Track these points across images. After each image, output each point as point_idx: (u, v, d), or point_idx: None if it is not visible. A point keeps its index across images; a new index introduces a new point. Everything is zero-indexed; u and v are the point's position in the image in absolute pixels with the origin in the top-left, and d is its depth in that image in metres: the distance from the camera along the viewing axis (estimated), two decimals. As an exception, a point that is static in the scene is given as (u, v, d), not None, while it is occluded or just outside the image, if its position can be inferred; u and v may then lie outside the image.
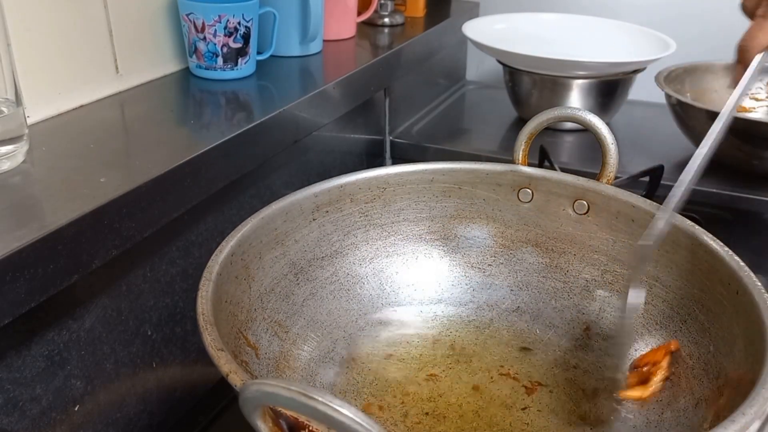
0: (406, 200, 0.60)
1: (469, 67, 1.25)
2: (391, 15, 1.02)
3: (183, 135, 0.60)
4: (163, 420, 0.60)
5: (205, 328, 0.39)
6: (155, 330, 0.58)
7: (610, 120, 1.00)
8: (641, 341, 0.52)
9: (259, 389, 0.29)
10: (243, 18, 0.71)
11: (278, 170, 0.72)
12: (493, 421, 0.49)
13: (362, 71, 0.81)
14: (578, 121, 0.57)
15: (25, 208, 0.46)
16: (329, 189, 0.56)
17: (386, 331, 0.57)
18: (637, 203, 0.54)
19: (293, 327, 0.52)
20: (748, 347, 0.42)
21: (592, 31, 1.06)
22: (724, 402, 0.42)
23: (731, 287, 0.45)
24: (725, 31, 1.09)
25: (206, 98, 0.69)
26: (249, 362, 0.45)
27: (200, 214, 0.61)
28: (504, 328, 0.58)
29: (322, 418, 0.28)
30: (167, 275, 0.58)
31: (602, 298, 0.56)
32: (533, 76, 0.96)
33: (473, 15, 1.17)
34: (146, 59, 0.69)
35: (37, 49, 0.57)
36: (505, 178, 0.59)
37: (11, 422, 0.46)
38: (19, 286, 0.41)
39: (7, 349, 0.45)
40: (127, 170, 0.52)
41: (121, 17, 0.64)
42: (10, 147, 0.50)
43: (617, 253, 0.56)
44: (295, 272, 0.54)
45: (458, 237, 0.61)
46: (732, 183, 0.84)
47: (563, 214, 0.58)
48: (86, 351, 0.51)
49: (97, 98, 0.64)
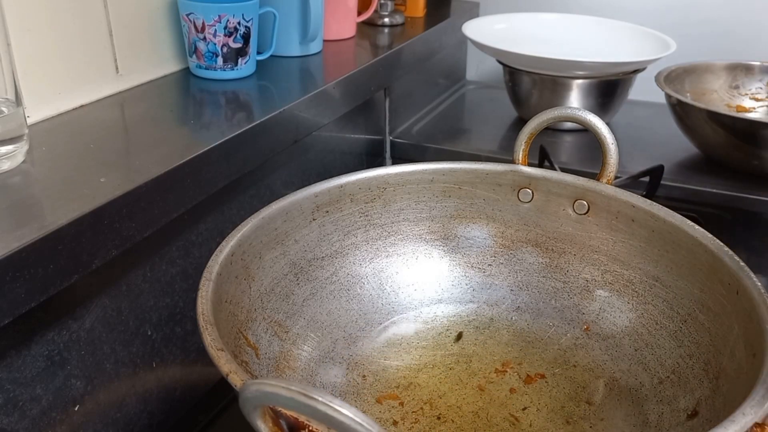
0: (406, 200, 0.60)
1: (469, 67, 1.25)
2: (391, 15, 1.02)
3: (183, 135, 0.60)
4: (163, 420, 0.60)
5: (205, 328, 0.39)
6: (155, 330, 0.58)
7: (610, 120, 1.00)
8: (641, 341, 0.52)
9: (259, 389, 0.29)
10: (243, 18, 0.71)
11: (278, 170, 0.72)
12: (493, 421, 0.49)
13: (362, 71, 0.81)
14: (578, 121, 0.57)
15: (25, 208, 0.46)
16: (329, 189, 0.56)
17: (386, 331, 0.57)
18: (637, 203, 0.54)
19: (293, 327, 0.52)
20: (748, 347, 0.42)
21: (592, 31, 1.06)
22: (723, 402, 0.42)
23: (731, 287, 0.45)
24: (725, 31, 1.09)
25: (206, 98, 0.69)
26: (249, 362, 0.45)
27: (200, 214, 0.61)
28: (504, 328, 0.58)
29: (322, 418, 0.28)
30: (167, 275, 0.58)
31: (602, 298, 0.56)
32: (533, 76, 0.96)
33: (473, 15, 1.17)
34: (146, 59, 0.69)
35: (37, 49, 0.57)
36: (505, 178, 0.59)
37: (11, 422, 0.46)
38: (19, 286, 0.41)
39: (7, 349, 0.45)
40: (127, 170, 0.52)
41: (121, 17, 0.64)
42: (10, 147, 0.50)
43: (617, 253, 0.56)
44: (295, 272, 0.54)
45: (458, 237, 0.61)
46: (732, 183, 0.84)
47: (563, 214, 0.58)
48: (86, 351, 0.51)
49: (97, 98, 0.64)
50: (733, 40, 1.09)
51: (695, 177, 0.86)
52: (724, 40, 1.09)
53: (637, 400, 0.49)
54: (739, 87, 0.98)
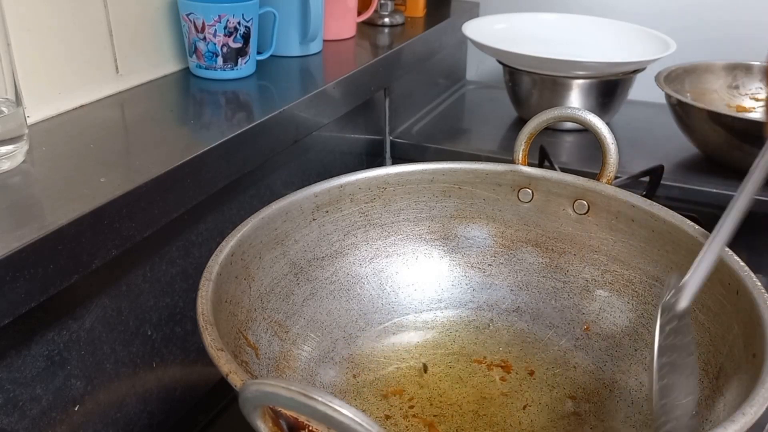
0: (406, 200, 0.60)
1: (469, 67, 1.25)
2: (391, 15, 1.01)
3: (183, 135, 0.60)
4: (163, 420, 0.60)
5: (205, 328, 0.39)
6: (155, 330, 0.58)
7: (610, 120, 1.00)
8: (641, 341, 0.52)
9: (259, 389, 0.29)
10: (243, 18, 0.71)
11: (278, 170, 0.72)
12: (493, 420, 0.49)
13: (362, 71, 0.81)
14: (578, 121, 0.57)
15: (25, 208, 0.46)
16: (329, 189, 0.56)
17: (386, 331, 0.57)
18: (637, 203, 0.54)
19: (293, 327, 0.52)
20: (748, 347, 0.42)
21: (592, 31, 1.06)
22: (723, 402, 0.42)
23: (731, 287, 0.45)
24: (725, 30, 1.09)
25: (206, 98, 0.69)
26: (249, 362, 0.46)
27: (200, 214, 0.61)
28: (504, 328, 0.58)
29: (321, 418, 0.28)
30: (167, 275, 0.58)
31: (602, 298, 0.56)
32: (533, 76, 0.96)
33: (473, 15, 1.17)
34: (146, 59, 0.69)
35: (37, 49, 0.57)
36: (505, 178, 0.59)
37: (11, 422, 0.46)
38: (19, 286, 0.41)
39: (7, 349, 0.45)
40: (127, 170, 0.52)
41: (121, 17, 0.64)
42: (10, 147, 0.50)
43: (617, 253, 0.56)
44: (295, 272, 0.54)
45: (458, 237, 0.61)
46: (732, 183, 0.84)
47: (563, 214, 0.58)
48: (86, 351, 0.51)
49: (97, 98, 0.64)
50: (733, 39, 1.09)
51: (695, 177, 0.86)
52: (724, 40, 1.09)
53: (637, 400, 0.49)
54: (739, 87, 0.98)
